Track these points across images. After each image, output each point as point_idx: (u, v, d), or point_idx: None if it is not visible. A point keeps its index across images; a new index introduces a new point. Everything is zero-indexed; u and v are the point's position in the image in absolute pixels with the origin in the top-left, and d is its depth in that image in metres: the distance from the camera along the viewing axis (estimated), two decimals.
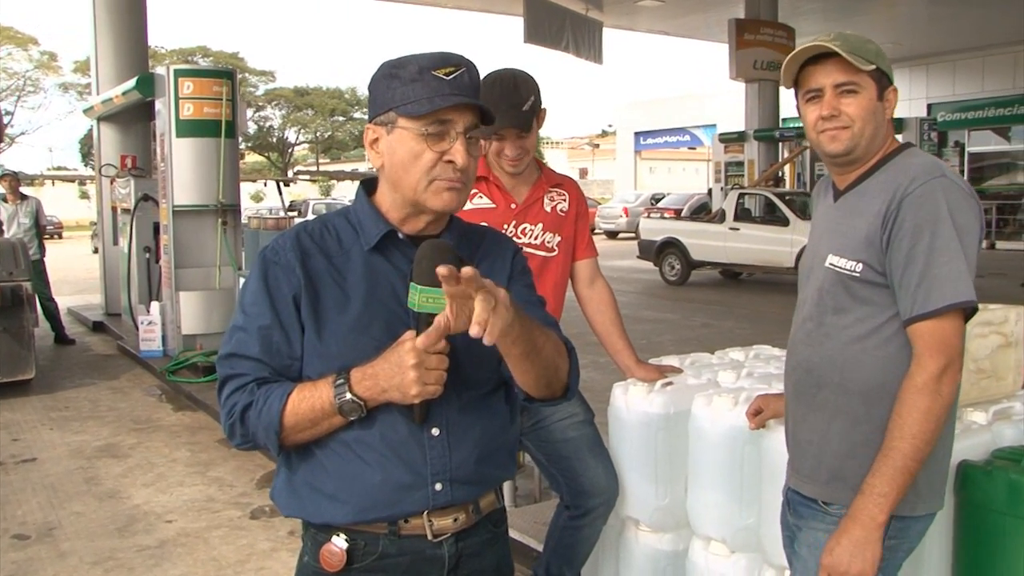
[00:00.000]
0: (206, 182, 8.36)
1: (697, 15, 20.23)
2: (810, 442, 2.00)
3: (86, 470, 5.50)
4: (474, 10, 22.67)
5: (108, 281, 11.27)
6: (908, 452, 1.77)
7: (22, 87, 46.53)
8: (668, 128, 36.22)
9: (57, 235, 35.20)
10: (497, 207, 2.81)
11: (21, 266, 7.63)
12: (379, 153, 1.61)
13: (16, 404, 7.18)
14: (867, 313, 1.89)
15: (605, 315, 2.98)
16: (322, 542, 1.60)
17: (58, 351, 9.65)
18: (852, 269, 1.89)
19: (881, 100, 1.92)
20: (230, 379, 1.57)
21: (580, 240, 2.98)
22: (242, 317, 1.59)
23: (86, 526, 4.55)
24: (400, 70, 1.57)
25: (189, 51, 49.11)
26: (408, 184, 1.58)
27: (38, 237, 10.15)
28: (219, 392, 1.59)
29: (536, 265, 2.75)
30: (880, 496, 1.78)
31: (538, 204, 2.88)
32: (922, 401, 1.77)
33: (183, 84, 8.25)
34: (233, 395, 1.56)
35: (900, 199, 1.82)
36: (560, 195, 2.93)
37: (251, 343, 1.57)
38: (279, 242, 1.62)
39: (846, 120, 1.89)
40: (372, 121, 1.61)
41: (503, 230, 2.75)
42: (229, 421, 1.56)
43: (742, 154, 19.08)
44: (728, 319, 11.26)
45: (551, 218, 2.88)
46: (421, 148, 1.55)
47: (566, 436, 2.81)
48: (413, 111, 1.54)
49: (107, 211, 11.28)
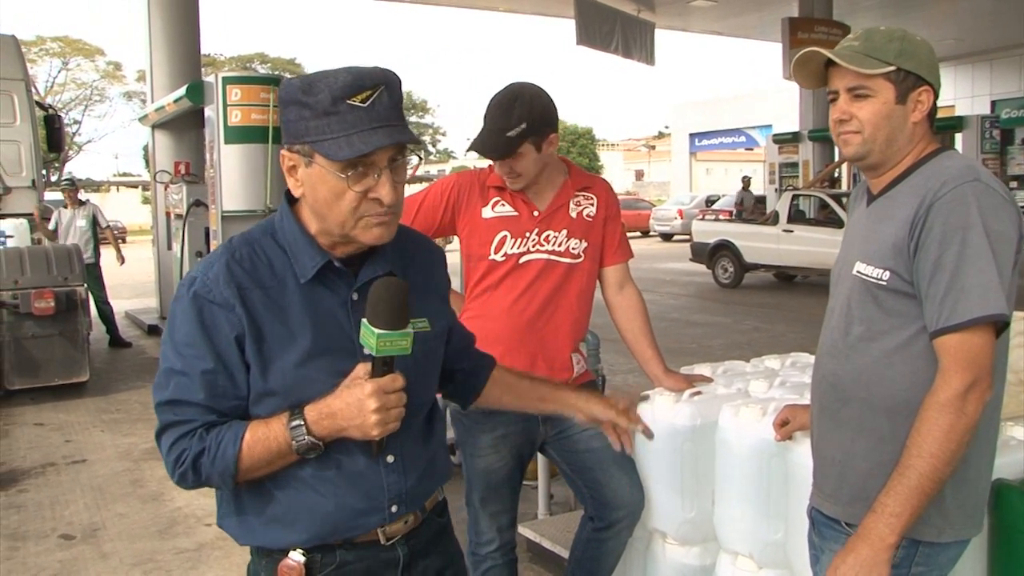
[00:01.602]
0: (254, 187, 8.44)
1: (751, 14, 19.97)
2: (833, 459, 1.91)
3: (132, 472, 5.60)
4: (527, 13, 22.69)
5: (163, 285, 11.48)
6: (925, 472, 1.67)
7: (89, 96, 47.87)
8: (723, 129, 35.86)
9: (121, 239, 36.07)
10: (520, 215, 2.75)
11: (76, 271, 7.81)
12: (298, 182, 1.54)
13: (71, 406, 7.35)
14: (895, 325, 1.79)
15: (634, 322, 2.90)
16: (278, 559, 1.58)
17: (113, 354, 9.86)
18: (879, 278, 1.79)
19: (904, 103, 1.80)
20: (173, 425, 1.51)
21: (609, 243, 2.88)
22: (179, 360, 1.50)
23: (128, 528, 4.63)
24: (310, 98, 1.45)
25: (247, 58, 50.01)
26: (334, 220, 1.52)
27: (95, 241, 10.38)
28: (159, 438, 1.53)
29: (560, 272, 2.75)
30: (892, 516, 1.69)
31: (563, 210, 2.78)
32: (944, 419, 1.67)
33: (231, 91, 8.35)
34: (180, 441, 1.50)
35: (929, 204, 1.72)
36: (588, 199, 2.83)
37: (194, 388, 1.50)
38: (210, 276, 1.51)
39: (856, 125, 1.82)
40: (287, 148, 1.52)
41: (526, 237, 2.73)
42: (180, 469, 1.50)
43: (797, 155, 18.77)
44: (780, 323, 11.07)
45: (577, 224, 2.79)
46: (343, 188, 1.48)
47: (590, 446, 2.74)
48: (331, 154, 1.45)
49: (161, 216, 11.52)
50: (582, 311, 2.84)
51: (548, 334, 2.75)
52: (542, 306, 2.75)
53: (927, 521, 1.75)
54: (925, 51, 1.81)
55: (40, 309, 7.35)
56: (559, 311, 2.76)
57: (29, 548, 4.38)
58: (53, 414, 7.10)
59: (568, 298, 2.78)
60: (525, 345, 2.72)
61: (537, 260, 2.74)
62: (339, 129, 1.45)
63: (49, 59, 45.70)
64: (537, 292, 2.74)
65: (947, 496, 1.75)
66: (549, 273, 2.74)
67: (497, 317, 2.74)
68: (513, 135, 2.60)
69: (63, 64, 46.36)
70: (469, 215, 2.76)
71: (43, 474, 5.59)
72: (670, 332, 10.08)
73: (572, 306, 2.79)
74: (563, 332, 2.78)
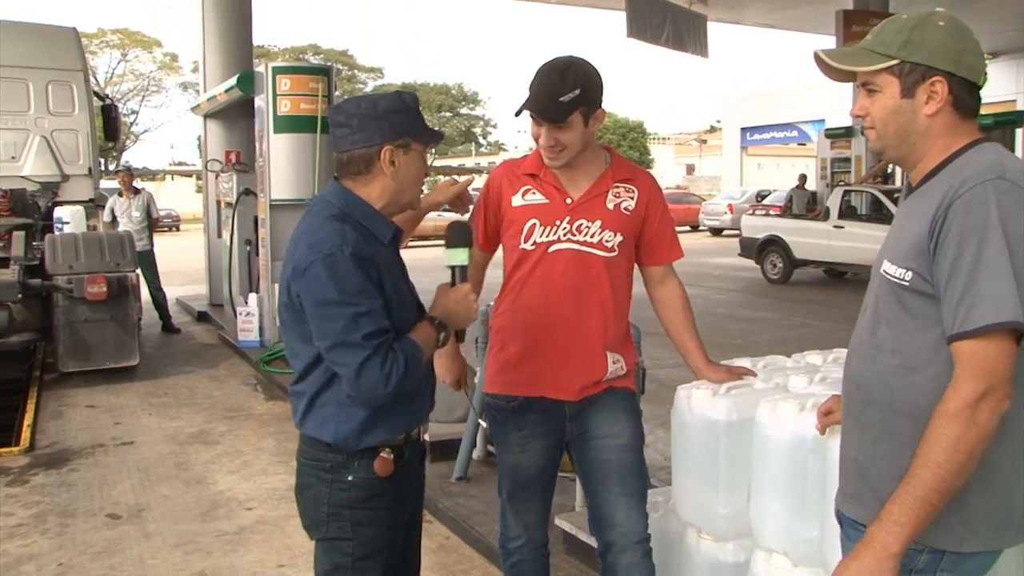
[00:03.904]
0: (302, 177, 8.54)
1: (804, 7, 19.63)
2: (856, 461, 1.86)
3: (178, 455, 5.71)
4: (578, 5, 22.57)
5: (212, 273, 11.67)
6: (931, 482, 1.60)
7: (146, 87, 48.84)
8: (775, 124, 35.36)
9: (175, 227, 36.73)
10: (550, 202, 2.63)
11: (127, 257, 7.96)
12: (395, 168, 2.14)
13: (121, 389, 7.51)
14: (918, 327, 1.72)
15: (676, 315, 2.79)
16: (372, 458, 2.14)
17: (164, 339, 10.06)
18: (902, 277, 1.72)
19: (911, 96, 1.72)
20: (376, 351, 1.99)
21: (657, 242, 2.72)
22: (362, 303, 2.00)
23: (172, 509, 4.71)
24: (405, 105, 2.15)
25: (300, 49, 50.56)
26: (412, 193, 2.23)
27: (149, 229, 10.57)
28: (363, 366, 1.98)
29: (593, 265, 2.63)
30: (896, 525, 1.63)
31: (599, 200, 2.63)
32: (952, 429, 1.59)
33: (281, 81, 8.45)
34: (388, 359, 2.00)
35: (949, 203, 1.64)
36: (628, 191, 2.66)
37: (380, 319, 2.02)
38: (347, 239, 2.03)
39: (870, 120, 1.78)
40: (392, 144, 2.12)
41: (556, 226, 2.61)
42: (396, 377, 2.00)
43: (849, 150, 18.43)
44: (828, 319, 10.90)
45: (613, 216, 2.63)
46: (423, 168, 2.20)
47: (601, 457, 2.67)
48: (425, 140, 2.19)
49: (212, 205, 11.70)
50: (618, 307, 2.69)
51: (579, 329, 2.63)
52: (574, 299, 2.62)
53: (948, 529, 1.69)
54: (942, 38, 1.71)
55: (93, 294, 7.50)
56: (592, 305, 2.63)
57: (78, 525, 4.49)
58: (104, 396, 7.26)
59: (601, 292, 2.64)
60: (557, 340, 2.63)
61: (567, 250, 2.61)
62: (423, 125, 2.18)
63: (109, 51, 46.73)
64: (568, 284, 2.61)
65: (972, 504, 1.68)
66: (580, 265, 2.61)
67: (530, 309, 2.66)
68: (566, 100, 2.48)
69: (122, 55, 47.38)
70: (504, 207, 2.70)
71: (92, 454, 5.72)
72: (716, 327, 9.98)
73: (606, 301, 2.65)
74: (595, 328, 2.64)
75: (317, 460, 2.18)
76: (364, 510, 2.17)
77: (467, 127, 71.42)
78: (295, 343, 2.15)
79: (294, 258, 2.06)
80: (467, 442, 4.88)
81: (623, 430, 2.68)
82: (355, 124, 2.11)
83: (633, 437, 2.70)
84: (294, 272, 2.05)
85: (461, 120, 69.99)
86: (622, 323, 2.74)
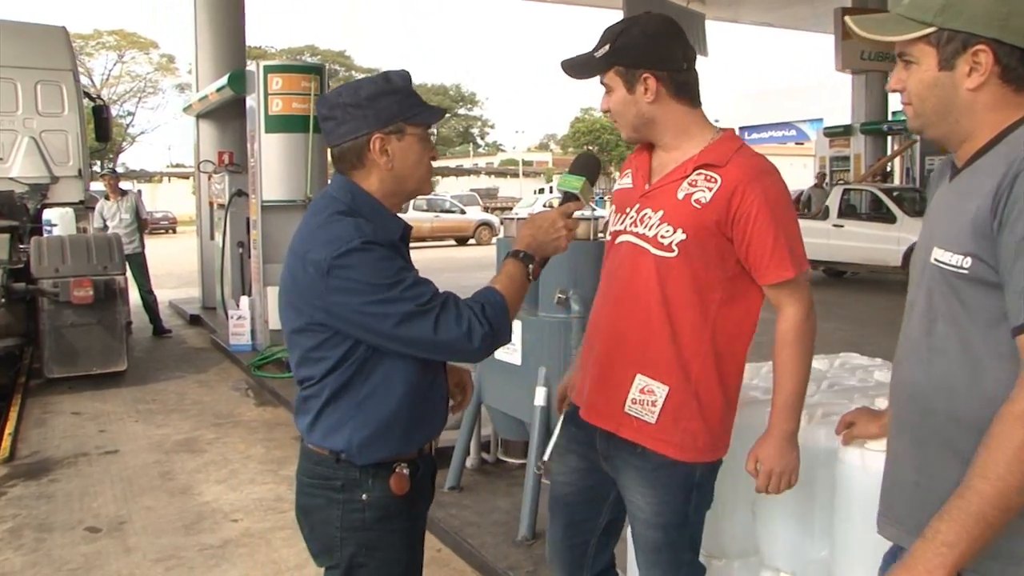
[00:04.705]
0: (294, 177, 8.38)
1: (802, 5, 19.55)
2: (917, 485, 1.60)
3: (163, 464, 5.54)
4: (575, 4, 22.46)
5: (205, 275, 11.54)
6: (990, 496, 1.38)
7: (143, 88, 48.72)
8: (773, 123, 35.28)
9: (171, 229, 36.61)
10: (633, 187, 2.25)
11: (115, 260, 7.79)
12: (389, 157, 1.97)
13: (108, 395, 7.34)
14: (982, 322, 1.49)
15: (773, 356, 2.18)
16: (386, 475, 1.97)
17: (154, 343, 9.90)
18: (959, 265, 1.49)
19: (950, 68, 1.52)
20: (443, 310, 1.86)
21: (754, 254, 2.07)
22: (407, 278, 1.86)
23: (154, 522, 4.55)
24: (393, 86, 1.97)
25: (297, 50, 50.51)
26: (415, 180, 2.03)
27: (139, 231, 10.42)
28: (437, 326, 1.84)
29: (644, 263, 2.13)
30: (944, 546, 1.40)
31: (672, 187, 2.13)
32: (1018, 434, 1.37)
33: (272, 80, 8.29)
34: (460, 315, 1.87)
35: (1016, 173, 1.42)
36: (708, 180, 2.08)
37: (431, 286, 1.89)
38: (363, 230, 1.86)
39: (907, 96, 1.58)
40: (381, 132, 1.94)
41: (626, 213, 2.22)
42: (482, 330, 1.87)
43: (848, 149, 18.34)
44: (829, 320, 10.73)
45: (678, 208, 2.10)
46: (423, 152, 2.01)
47: (632, 523, 2.27)
48: (424, 120, 2.00)
49: (204, 206, 11.55)
50: (674, 324, 2.10)
51: (613, 341, 2.19)
52: (616, 302, 2.21)
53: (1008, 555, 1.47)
54: (984, 0, 1.49)
55: (79, 298, 7.32)
56: (632, 314, 2.15)
57: (55, 540, 4.32)
58: (90, 403, 7.09)
59: (647, 298, 2.12)
60: (591, 350, 2.26)
61: (625, 243, 2.19)
62: (420, 104, 2.00)
63: (105, 52, 46.61)
64: (617, 282, 2.21)
65: None
66: (632, 261, 2.16)
67: (594, 306, 2.32)
68: (597, 56, 2.15)
69: (118, 57, 47.27)
70: None
71: (75, 464, 5.55)
72: None
73: (652, 311, 2.11)
74: (631, 342, 2.15)
75: (325, 479, 1.99)
76: (380, 532, 2.00)
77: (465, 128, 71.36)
78: (312, 347, 1.94)
79: (312, 260, 1.86)
80: (460, 450, 4.73)
81: (648, 503, 2.17)
82: (339, 115, 1.96)
83: (660, 515, 2.17)
84: (317, 273, 1.85)
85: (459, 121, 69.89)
86: (682, 349, 2.10)
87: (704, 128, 2.19)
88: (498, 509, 4.42)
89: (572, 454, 2.36)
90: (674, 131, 2.18)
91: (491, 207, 37.60)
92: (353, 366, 1.92)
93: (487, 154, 72.83)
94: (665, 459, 2.13)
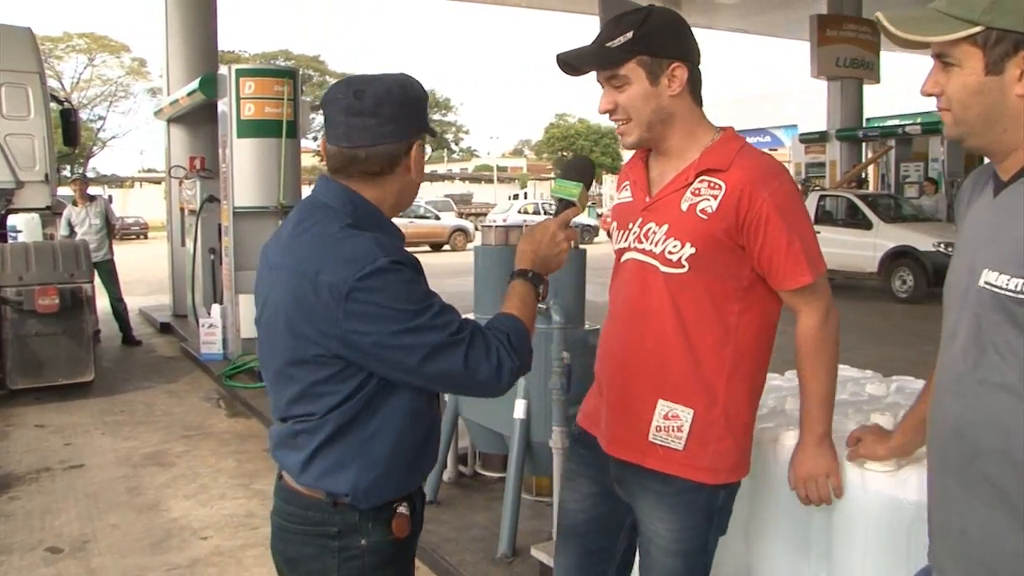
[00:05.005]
0: (267, 183, 8.22)
1: (777, 12, 19.63)
2: (965, 534, 1.45)
3: (130, 479, 5.36)
4: (551, 9, 22.44)
5: (176, 282, 11.33)
6: None
7: (114, 92, 48.18)
8: (748, 129, 35.37)
9: (143, 235, 36.21)
10: (633, 200, 2.10)
11: (82, 267, 7.59)
12: (416, 164, 1.82)
13: (74, 407, 7.14)
14: None
15: (798, 361, 2.09)
16: (387, 517, 1.78)
17: (124, 352, 9.67)
18: (1017, 290, 1.34)
19: (999, 72, 1.37)
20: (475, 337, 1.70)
21: (768, 260, 1.95)
22: (436, 300, 1.70)
23: (120, 540, 4.38)
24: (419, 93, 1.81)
25: (271, 55, 50.12)
26: (416, 191, 1.88)
27: (109, 237, 10.21)
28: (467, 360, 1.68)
29: (652, 281, 2.01)
30: None
31: (674, 197, 1.99)
32: None
33: (244, 84, 8.13)
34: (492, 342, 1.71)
35: None
36: (712, 188, 1.95)
37: (455, 312, 1.73)
38: (386, 246, 1.69)
39: (945, 101, 1.44)
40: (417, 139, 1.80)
41: (629, 229, 2.08)
42: (511, 364, 1.71)
43: (824, 155, 18.41)
44: None
45: (683, 220, 1.96)
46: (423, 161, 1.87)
47: (646, 550, 2.11)
48: (429, 130, 1.84)
49: (176, 212, 11.35)
50: (691, 343, 1.98)
51: (628, 367, 2.06)
52: (627, 325, 2.07)
53: None
54: None
55: (44, 306, 7.12)
56: (647, 337, 2.02)
57: (13, 562, 4.14)
58: (55, 415, 6.89)
59: (660, 318, 2.00)
60: (607, 378, 2.13)
61: (631, 261, 2.07)
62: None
63: (75, 55, 46.05)
64: (626, 303, 2.08)
65: None
66: (641, 280, 2.03)
67: (604, 330, 2.18)
68: (614, 45, 1.93)
69: (89, 60, 46.70)
70: None
71: (37, 480, 5.36)
72: None
73: (667, 331, 1.99)
74: (649, 368, 2.02)
75: (318, 525, 1.77)
76: None
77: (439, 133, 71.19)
78: (318, 381, 1.71)
79: (327, 282, 1.64)
80: (437, 463, 4.60)
81: (668, 530, 2.04)
82: (386, 113, 1.73)
83: (680, 541, 2.04)
84: (333, 296, 1.63)
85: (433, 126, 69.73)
86: (703, 368, 1.99)
87: (706, 129, 2.07)
88: (476, 525, 4.29)
89: (583, 479, 2.22)
90: (684, 131, 2.03)
91: (465, 213, 37.58)
92: (363, 400, 1.72)
93: (461, 160, 72.76)
94: (690, 483, 2.01)
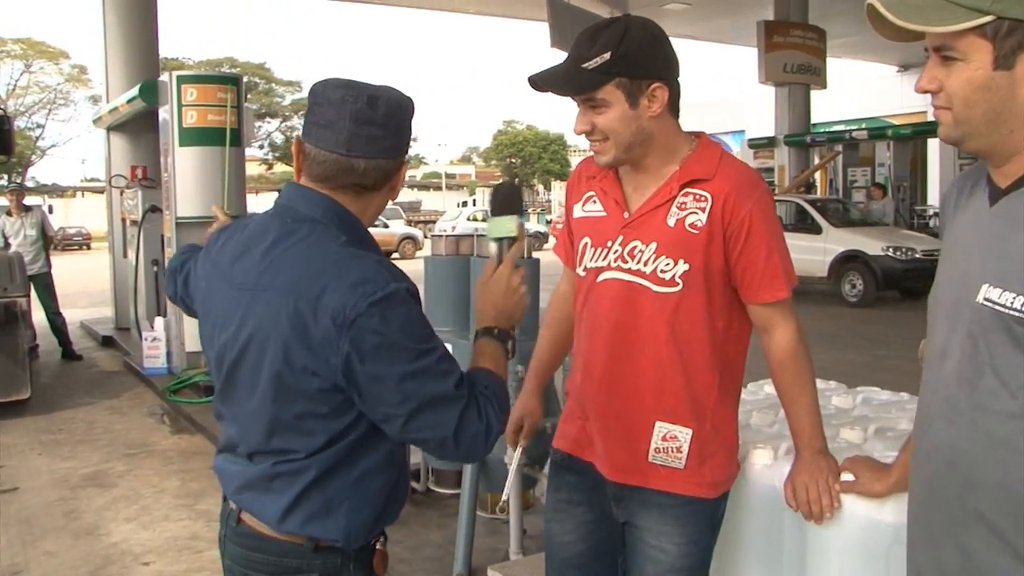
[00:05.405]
0: (210, 193, 7.97)
1: (725, 18, 19.81)
2: (951, 570, 1.34)
3: (67, 501, 5.13)
4: (498, 15, 22.38)
5: (118, 295, 11.00)
6: None
7: (53, 100, 47.03)
8: None
9: (86, 246, 35.41)
10: (607, 215, 2.00)
11: (16, 281, 7.34)
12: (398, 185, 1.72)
13: (9, 426, 6.84)
14: None
15: (776, 378, 2.04)
16: (367, 556, 1.67)
17: (64, 367, 9.36)
18: (1021, 308, 1.24)
19: (1008, 67, 1.24)
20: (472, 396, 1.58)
21: (748, 272, 1.91)
22: (438, 342, 1.58)
23: (56, 569, 4.17)
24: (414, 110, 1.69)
25: (216, 62, 49.31)
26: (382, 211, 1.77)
27: (45, 249, 9.88)
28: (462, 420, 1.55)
29: (643, 301, 1.93)
30: None
31: (659, 212, 1.92)
32: None
33: (186, 91, 7.90)
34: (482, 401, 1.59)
35: None
36: (698, 200, 1.89)
37: (454, 364, 1.60)
38: (392, 271, 1.58)
39: (944, 99, 1.31)
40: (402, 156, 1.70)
41: (607, 247, 1.98)
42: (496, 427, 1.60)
43: (772, 160, 18.60)
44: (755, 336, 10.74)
45: (673, 236, 1.89)
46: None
47: (643, 568, 2.02)
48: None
49: (117, 223, 11.05)
50: (685, 362, 1.93)
51: (622, 386, 1.98)
52: (613, 348, 1.98)
53: None
54: None
55: None
56: (642, 357, 1.95)
57: None
58: None
59: (654, 339, 1.93)
60: (594, 402, 2.03)
61: (614, 280, 1.96)
62: None
63: (11, 61, 44.90)
64: (612, 325, 1.97)
65: None
66: (628, 301, 1.95)
67: (579, 353, 2.07)
68: (591, 67, 1.83)
69: (25, 66, 45.55)
70: (570, 218, 2.12)
71: None
72: None
73: (661, 352, 1.93)
74: (644, 391, 1.96)
75: (297, 570, 1.62)
76: None
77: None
78: (305, 413, 1.56)
79: (328, 306, 1.49)
80: None
81: (675, 544, 1.97)
82: (392, 126, 1.62)
83: (686, 555, 1.98)
84: (334, 323, 1.49)
85: None
86: (695, 386, 1.95)
87: (683, 139, 1.97)
88: (431, 543, 4.17)
89: (576, 506, 2.12)
90: (663, 147, 1.93)
91: (414, 220, 37.37)
92: (356, 439, 1.58)
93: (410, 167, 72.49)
94: (695, 498, 1.98)
